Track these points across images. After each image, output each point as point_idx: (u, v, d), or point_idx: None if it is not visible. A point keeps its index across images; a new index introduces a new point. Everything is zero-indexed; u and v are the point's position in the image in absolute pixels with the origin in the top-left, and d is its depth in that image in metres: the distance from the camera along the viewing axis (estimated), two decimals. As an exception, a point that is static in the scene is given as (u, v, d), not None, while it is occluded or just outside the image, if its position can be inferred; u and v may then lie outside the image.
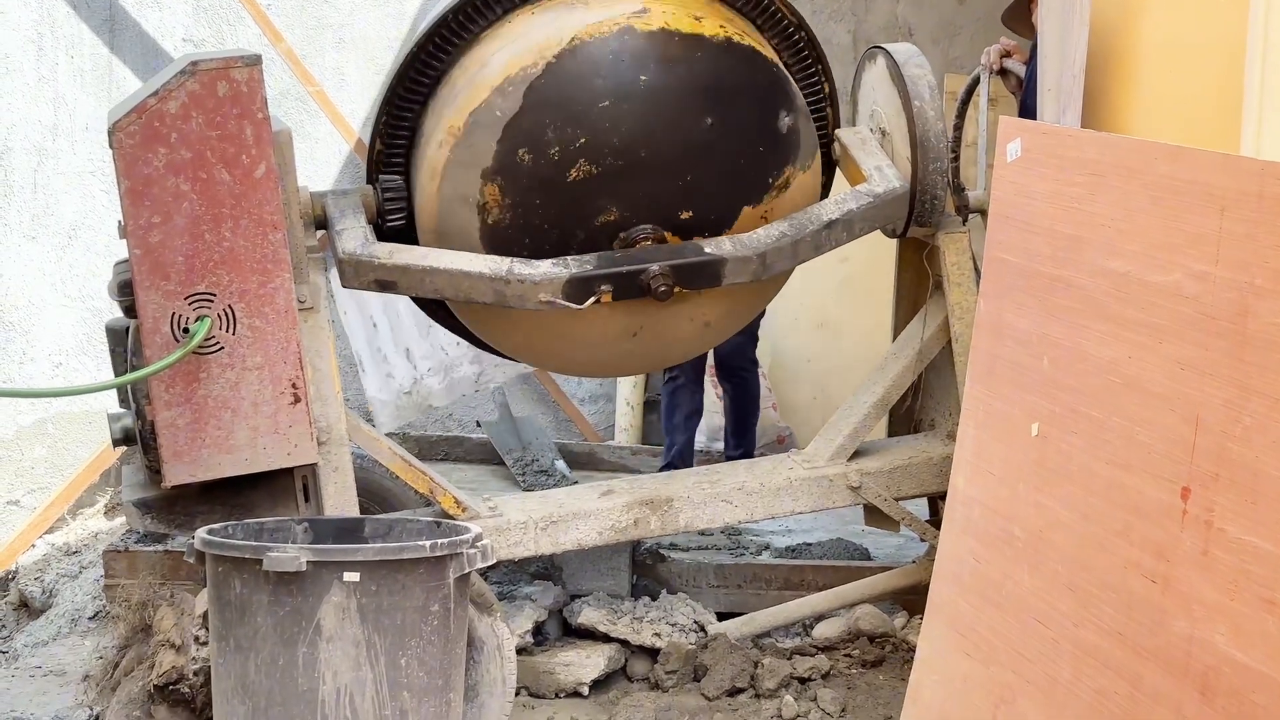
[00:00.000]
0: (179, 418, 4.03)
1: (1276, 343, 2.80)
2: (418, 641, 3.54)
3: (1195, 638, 2.97)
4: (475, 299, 4.28)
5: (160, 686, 4.03)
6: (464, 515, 4.44)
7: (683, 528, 4.63)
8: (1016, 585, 3.54)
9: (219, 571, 3.56)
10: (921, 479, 4.76)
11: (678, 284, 4.31)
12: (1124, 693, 3.15)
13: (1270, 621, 2.78)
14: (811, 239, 4.43)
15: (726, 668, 4.52)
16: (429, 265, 4.25)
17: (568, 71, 4.27)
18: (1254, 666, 2.81)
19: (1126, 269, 3.24)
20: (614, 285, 4.28)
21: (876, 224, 4.59)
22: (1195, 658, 2.97)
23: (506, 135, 4.26)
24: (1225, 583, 2.90)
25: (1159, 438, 3.10)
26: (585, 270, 4.26)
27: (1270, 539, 2.79)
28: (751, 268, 4.35)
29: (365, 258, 4.23)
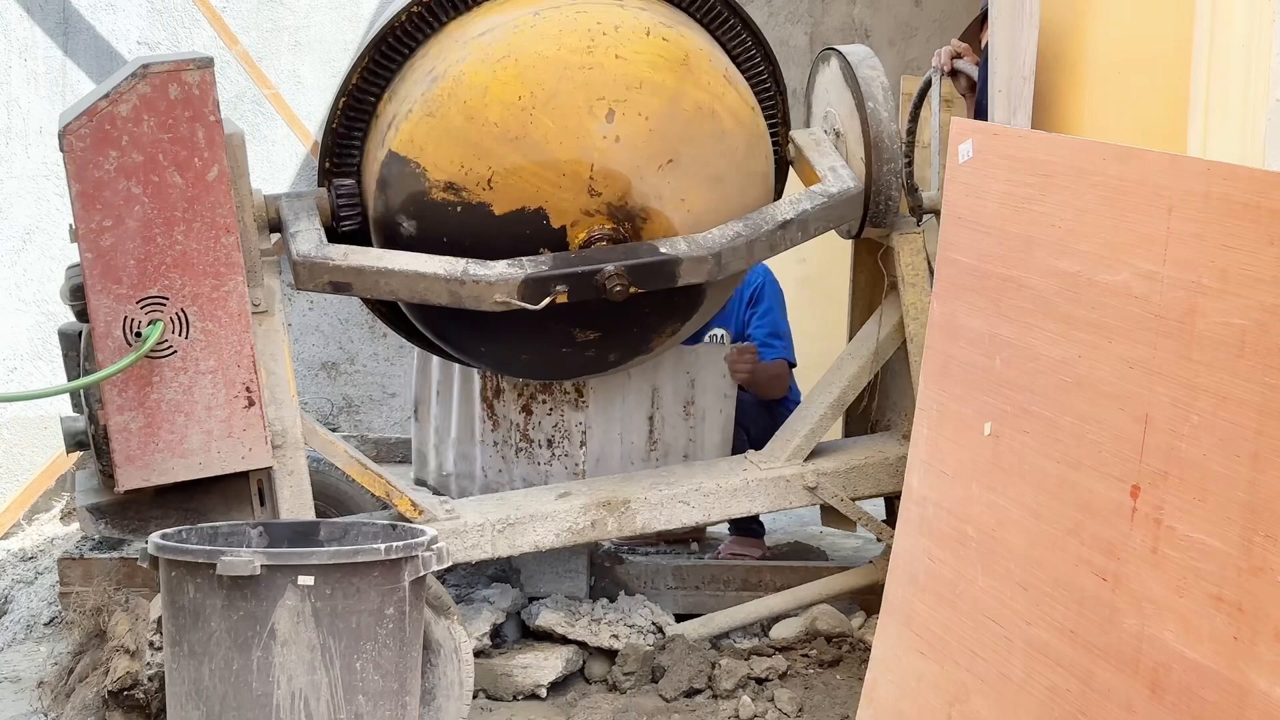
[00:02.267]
0: (132, 422, 4.01)
1: (1223, 342, 2.82)
2: (373, 645, 3.53)
3: (1145, 635, 2.99)
4: (430, 300, 4.28)
5: (115, 692, 4.02)
6: (421, 518, 4.43)
7: (640, 529, 4.64)
8: (970, 584, 3.55)
9: (172, 576, 3.55)
10: (878, 479, 4.77)
11: (633, 284, 4.31)
12: (1075, 690, 3.17)
13: (1218, 618, 2.80)
14: (766, 239, 4.44)
15: (684, 669, 4.53)
16: (383, 267, 4.24)
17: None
18: (1203, 663, 2.83)
19: (1076, 269, 3.26)
20: (569, 285, 4.27)
21: (831, 224, 4.61)
22: (1145, 655, 2.99)
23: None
24: (1174, 580, 2.92)
25: (1109, 436, 3.13)
26: (541, 271, 4.26)
27: (1218, 536, 2.81)
28: (707, 267, 4.36)
29: (319, 260, 4.22)
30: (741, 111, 4.43)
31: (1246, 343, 2.76)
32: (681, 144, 4.32)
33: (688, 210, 4.38)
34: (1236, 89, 3.30)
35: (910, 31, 7.60)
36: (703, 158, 4.36)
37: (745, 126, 4.45)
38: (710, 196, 4.40)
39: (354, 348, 7.22)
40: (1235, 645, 2.77)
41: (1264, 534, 2.70)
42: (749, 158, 4.48)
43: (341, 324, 7.18)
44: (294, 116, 7.01)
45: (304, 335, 7.11)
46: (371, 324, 7.07)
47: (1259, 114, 3.19)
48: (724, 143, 4.39)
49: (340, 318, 7.16)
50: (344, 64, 7.00)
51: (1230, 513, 2.79)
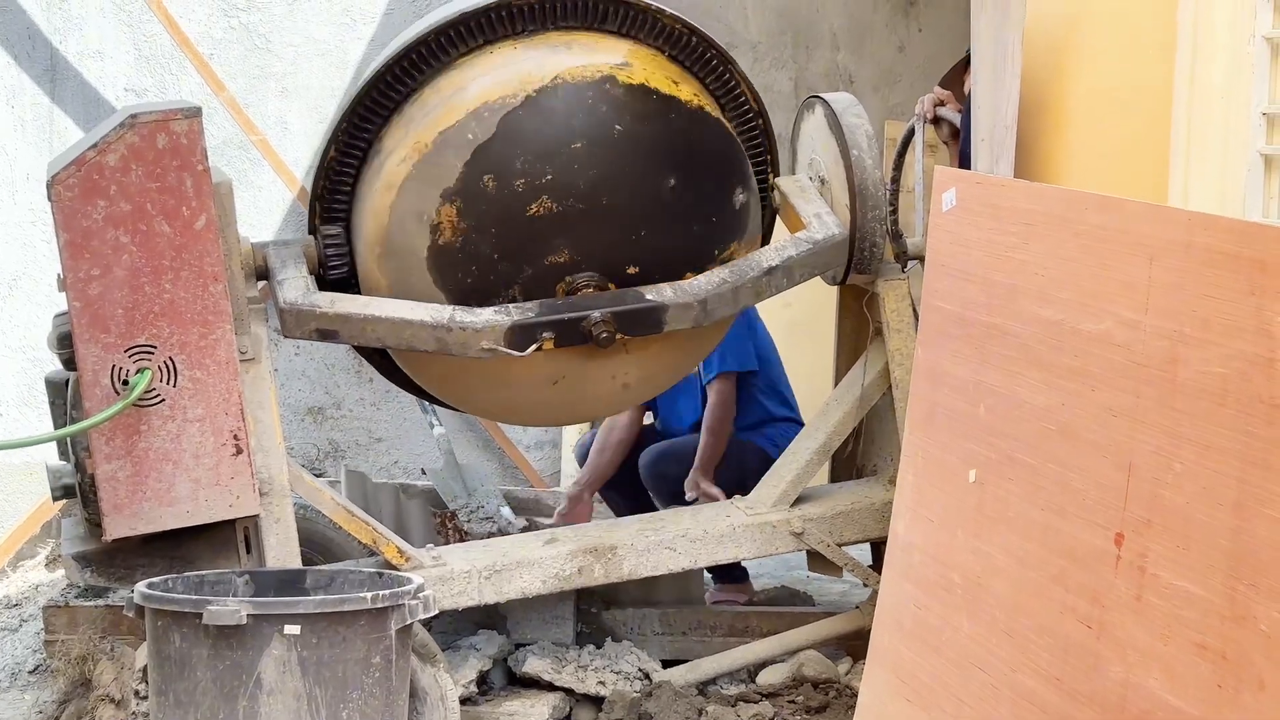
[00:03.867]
0: (119, 471, 4.01)
1: (1205, 390, 2.84)
2: (359, 694, 3.53)
3: (1130, 682, 3.00)
4: (417, 347, 4.29)
5: (100, 742, 4.02)
6: (407, 565, 4.43)
7: (626, 575, 4.64)
8: (955, 631, 3.56)
9: (158, 625, 3.55)
10: (863, 524, 4.78)
11: (620, 330, 4.32)
12: (1061, 738, 3.18)
13: (1203, 666, 2.82)
14: (752, 285, 4.47)
15: (671, 715, 4.52)
16: (370, 314, 4.26)
17: (546, 108, 4.32)
18: (1187, 710, 2.85)
19: (1059, 317, 3.28)
20: (556, 332, 4.29)
21: (817, 270, 4.63)
22: (1130, 702, 3.00)
23: (475, 159, 4.28)
24: (1159, 627, 2.93)
25: (1092, 484, 3.14)
26: (527, 318, 4.27)
27: (1202, 584, 2.83)
28: (693, 314, 4.38)
29: (306, 307, 4.23)
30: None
31: (1229, 391, 2.78)
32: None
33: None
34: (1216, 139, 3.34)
35: (894, 78, 7.64)
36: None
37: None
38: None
39: (340, 393, 7.23)
40: (1219, 693, 2.78)
41: (1247, 582, 2.72)
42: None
43: (328, 369, 7.19)
44: (281, 163, 7.03)
45: (290, 380, 7.11)
46: (358, 369, 7.07)
47: (1239, 164, 3.23)
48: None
49: (326, 363, 7.16)
50: (331, 110, 7.03)
51: (1214, 561, 2.81)
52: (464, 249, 4.33)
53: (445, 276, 4.33)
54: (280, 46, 7.11)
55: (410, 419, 7.15)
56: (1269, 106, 3.44)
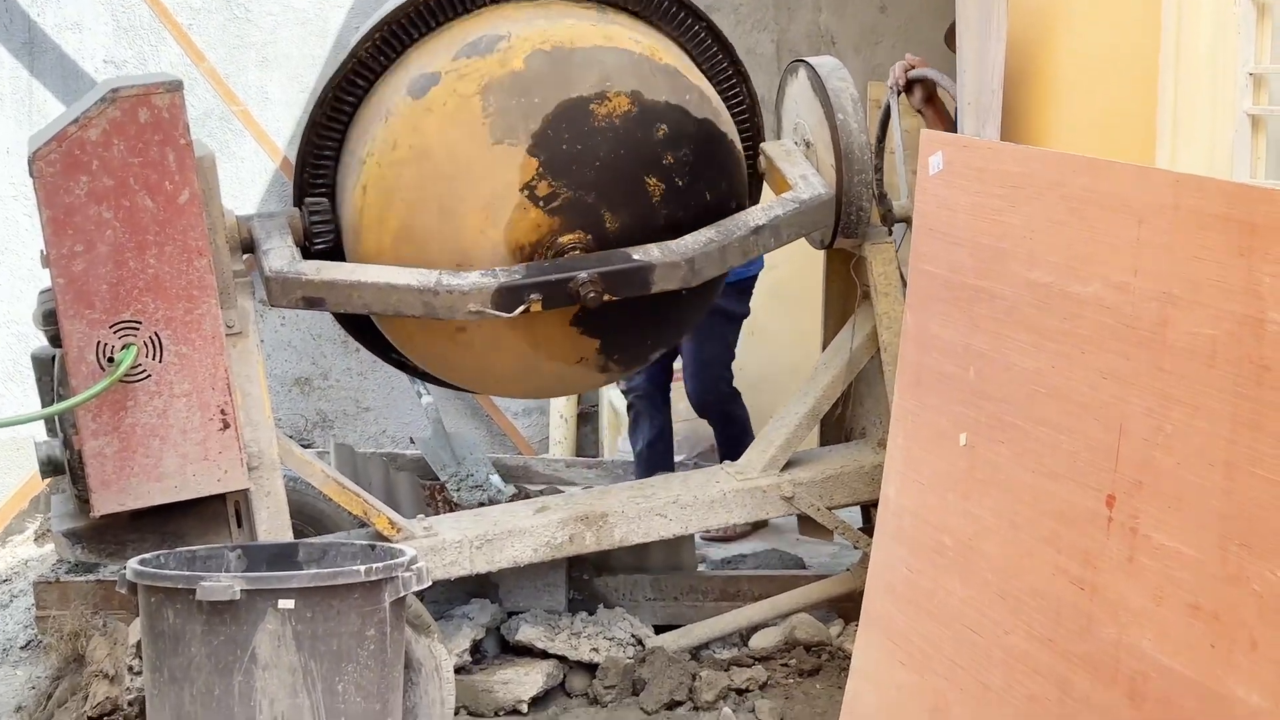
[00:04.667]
0: (106, 447, 4.00)
1: (1195, 352, 2.84)
2: (354, 666, 3.53)
3: (1123, 643, 3.01)
4: (404, 312, 4.27)
5: (95, 718, 4.01)
6: (399, 536, 4.43)
7: (618, 542, 4.64)
8: (948, 594, 3.57)
9: (152, 602, 3.54)
10: (854, 488, 4.79)
11: (607, 291, 4.31)
12: (1054, 698, 3.19)
13: (1196, 626, 2.82)
14: (739, 244, 4.45)
15: (664, 681, 4.54)
16: (356, 280, 4.24)
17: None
18: (1181, 671, 2.85)
19: (1048, 280, 3.28)
20: (543, 294, 4.28)
21: (803, 230, 4.62)
22: (1123, 663, 3.01)
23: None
24: (1151, 589, 2.94)
25: (1083, 446, 3.14)
26: (514, 280, 4.26)
27: (1194, 545, 2.83)
28: (680, 273, 4.36)
29: (292, 275, 4.21)
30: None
31: (1218, 353, 2.78)
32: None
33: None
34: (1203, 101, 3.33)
35: (876, 38, 7.61)
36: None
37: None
38: None
39: (327, 363, 7.21)
40: (1212, 653, 2.79)
41: (1239, 542, 2.72)
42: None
43: (314, 339, 7.17)
44: (262, 133, 6.98)
45: (276, 351, 7.08)
46: (344, 339, 7.04)
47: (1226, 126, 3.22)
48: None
49: (313, 333, 7.14)
50: (311, 80, 6.99)
51: (1205, 521, 2.81)
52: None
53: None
54: (259, 15, 7.06)
55: (398, 388, 7.14)
56: (1255, 66, 3.43)
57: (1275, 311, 2.66)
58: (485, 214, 4.32)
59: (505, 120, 4.31)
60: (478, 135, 4.31)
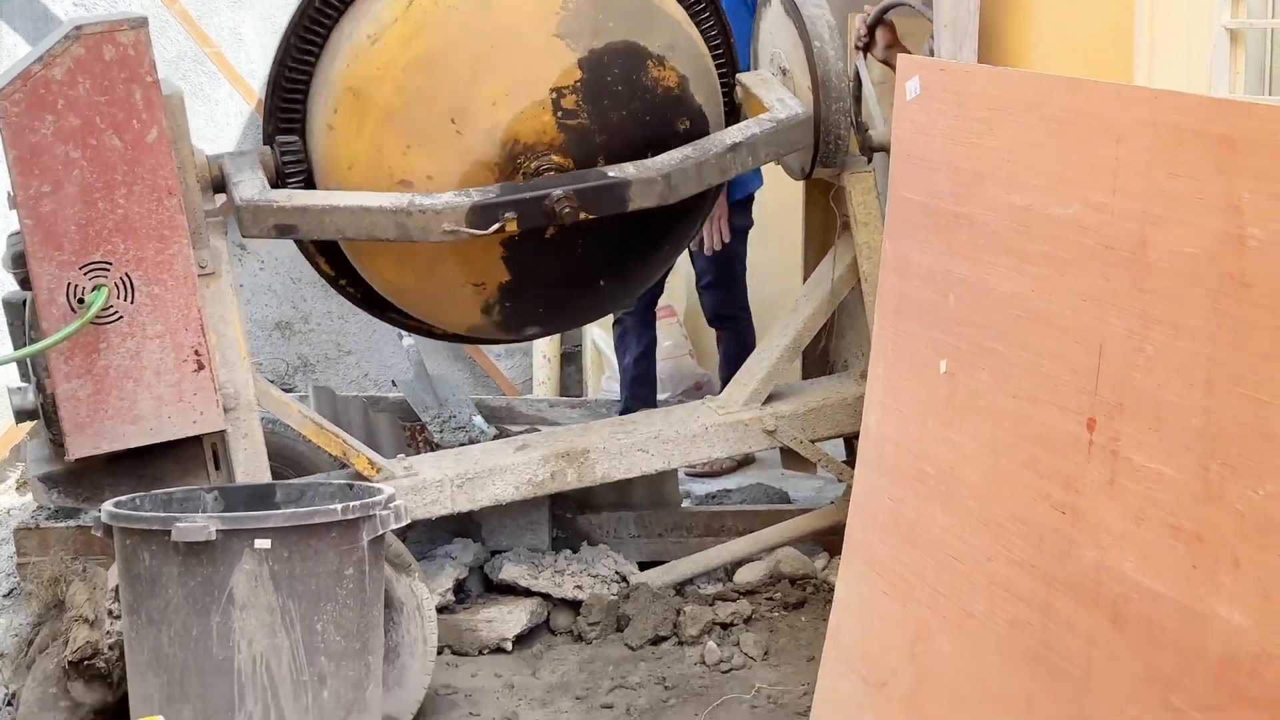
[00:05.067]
0: (80, 390, 3.96)
1: (1175, 271, 2.81)
2: (333, 606, 3.51)
3: (1105, 566, 2.99)
4: (377, 235, 4.21)
5: (75, 662, 3.98)
6: (378, 476, 4.40)
7: (600, 479, 4.61)
8: (930, 522, 3.55)
9: (127, 544, 3.51)
10: (836, 420, 4.76)
11: (583, 209, 4.25)
12: (1036, 623, 3.17)
13: (1177, 548, 2.80)
14: (716, 162, 4.38)
15: (649, 617, 4.52)
16: (329, 204, 4.18)
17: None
18: (1163, 592, 2.83)
19: (1027, 203, 3.24)
20: (518, 212, 4.22)
21: (781, 149, 4.55)
22: (1105, 586, 2.99)
23: None
24: (1132, 511, 2.92)
25: (1064, 370, 3.11)
26: (489, 198, 4.21)
27: (1175, 466, 2.81)
28: (657, 189, 4.30)
29: (264, 203, 4.14)
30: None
31: (1198, 271, 2.75)
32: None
33: None
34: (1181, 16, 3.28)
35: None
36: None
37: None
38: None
39: (307, 306, 7.16)
40: (1195, 574, 2.77)
41: (1220, 462, 2.70)
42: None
43: (294, 283, 7.11)
44: (236, 75, 6.90)
45: (256, 295, 7.03)
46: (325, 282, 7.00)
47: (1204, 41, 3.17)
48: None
49: (293, 277, 7.08)
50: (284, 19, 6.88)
51: (1186, 442, 2.79)
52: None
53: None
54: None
55: (380, 331, 7.09)
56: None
57: (1255, 227, 2.62)
58: (507, 90, 4.27)
59: (578, 22, 4.31)
60: (546, 19, 4.30)
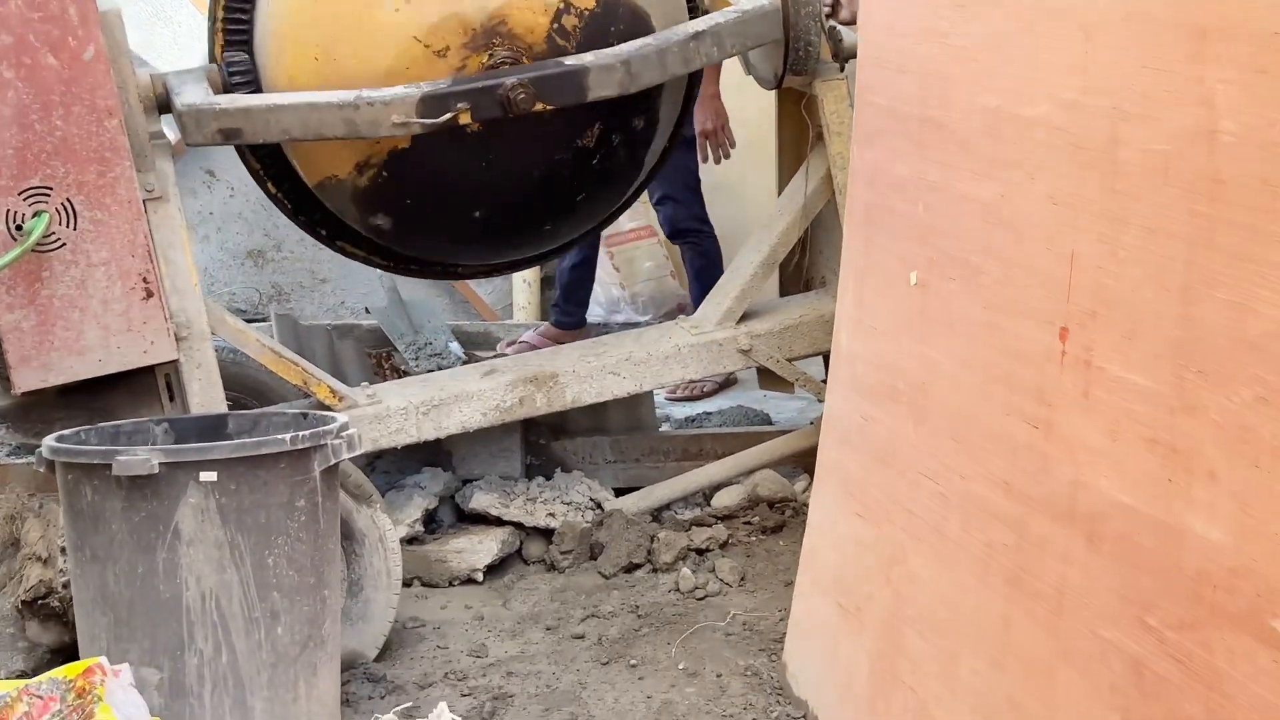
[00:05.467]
0: (23, 320, 3.83)
1: (1148, 170, 2.65)
2: (285, 539, 3.38)
3: (1080, 482, 2.86)
4: (325, 134, 4.06)
5: (28, 602, 3.87)
6: (341, 405, 4.28)
7: (570, 403, 4.49)
8: (903, 441, 3.41)
9: (69, 479, 3.38)
10: (813, 338, 4.62)
11: (540, 98, 4.10)
12: (1011, 543, 3.05)
13: (1152, 461, 2.67)
14: (679, 50, 4.22)
15: (622, 544, 4.41)
16: (273, 104, 4.03)
17: None
18: (1139, 508, 2.70)
19: (996, 104, 3.08)
20: (471, 102, 4.06)
21: (748, 42, 4.37)
22: (1081, 503, 2.86)
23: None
24: (1107, 424, 2.78)
25: (1035, 279, 2.97)
26: (439, 88, 4.05)
27: (1149, 375, 2.67)
28: (616, 76, 4.14)
29: (206, 107, 3.99)
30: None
31: (1170, 169, 2.60)
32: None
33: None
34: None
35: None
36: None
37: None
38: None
39: (280, 234, 7.00)
40: (1170, 488, 2.63)
41: (1196, 370, 2.56)
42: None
43: (265, 210, 6.95)
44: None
45: (227, 223, 6.89)
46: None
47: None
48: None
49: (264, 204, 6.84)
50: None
51: (1161, 350, 2.64)
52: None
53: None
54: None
55: (354, 258, 6.94)
56: None
57: (1229, 121, 2.47)
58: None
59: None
60: None
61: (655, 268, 6.95)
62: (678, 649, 3.90)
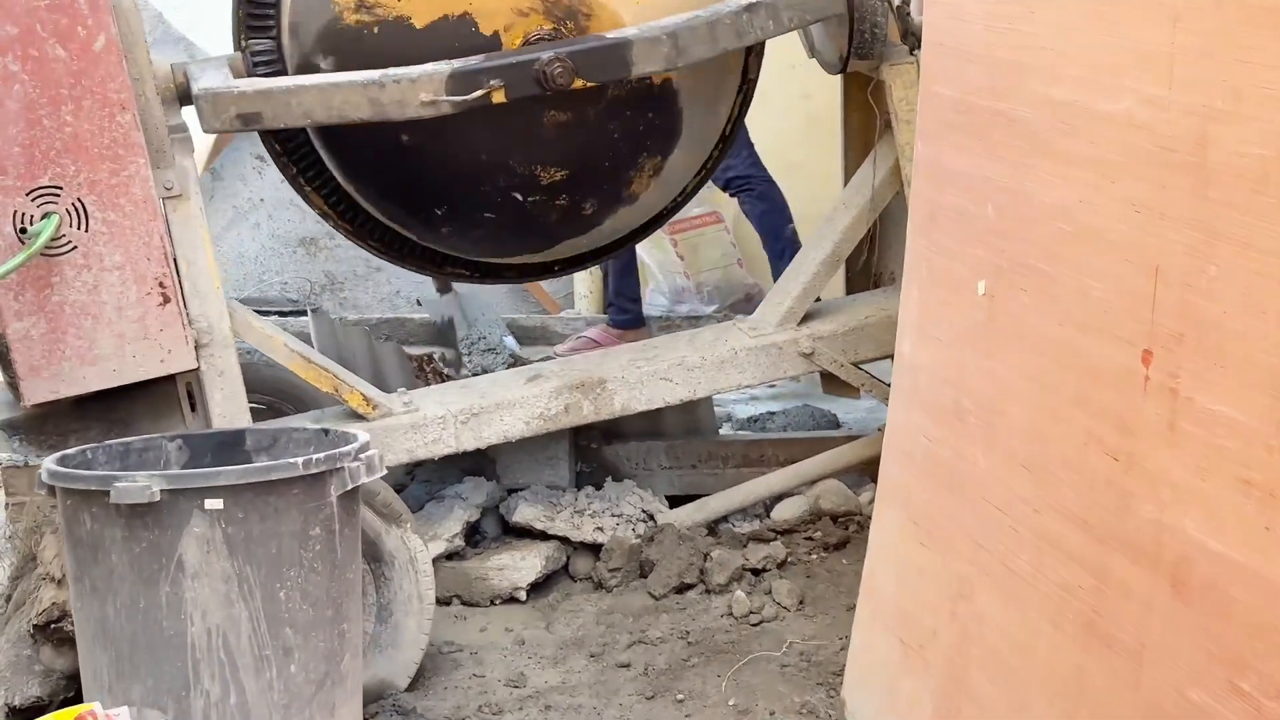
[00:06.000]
0: (33, 329, 3.61)
1: (1242, 176, 2.34)
2: (298, 571, 3.13)
3: (1165, 524, 2.55)
4: (349, 116, 3.80)
5: (41, 626, 3.66)
6: (375, 413, 4.03)
7: (619, 411, 4.22)
8: (971, 466, 3.12)
9: (68, 505, 3.16)
10: (881, 340, 4.32)
11: (580, 74, 3.83)
12: (1089, 587, 2.75)
13: (1247, 505, 2.36)
14: (731, 23, 3.93)
15: (673, 562, 4.13)
16: (294, 85, 3.79)
17: None
18: (1231, 556, 2.40)
19: (1071, 97, 2.77)
20: (505, 79, 3.80)
21: (806, 16, 4.08)
22: (1166, 547, 2.55)
23: None
24: (1195, 460, 2.47)
25: (1115, 293, 2.66)
26: (470, 65, 3.79)
27: (1243, 408, 2.36)
28: (663, 50, 3.86)
29: (224, 90, 3.75)
30: None
31: (1270, 176, 2.28)
32: None
33: (638, 3, 3.92)
34: None
35: None
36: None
37: None
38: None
39: (333, 221, 6.77)
40: (1268, 537, 2.33)
41: (1297, 407, 2.25)
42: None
43: (318, 197, 6.71)
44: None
45: (279, 211, 6.67)
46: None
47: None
48: None
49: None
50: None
51: (1256, 380, 2.33)
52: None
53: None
54: None
55: (412, 245, 6.69)
56: None
57: (1337, 122, 2.15)
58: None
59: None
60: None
61: (721, 255, 6.67)
62: (729, 683, 3.62)
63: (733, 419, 5.28)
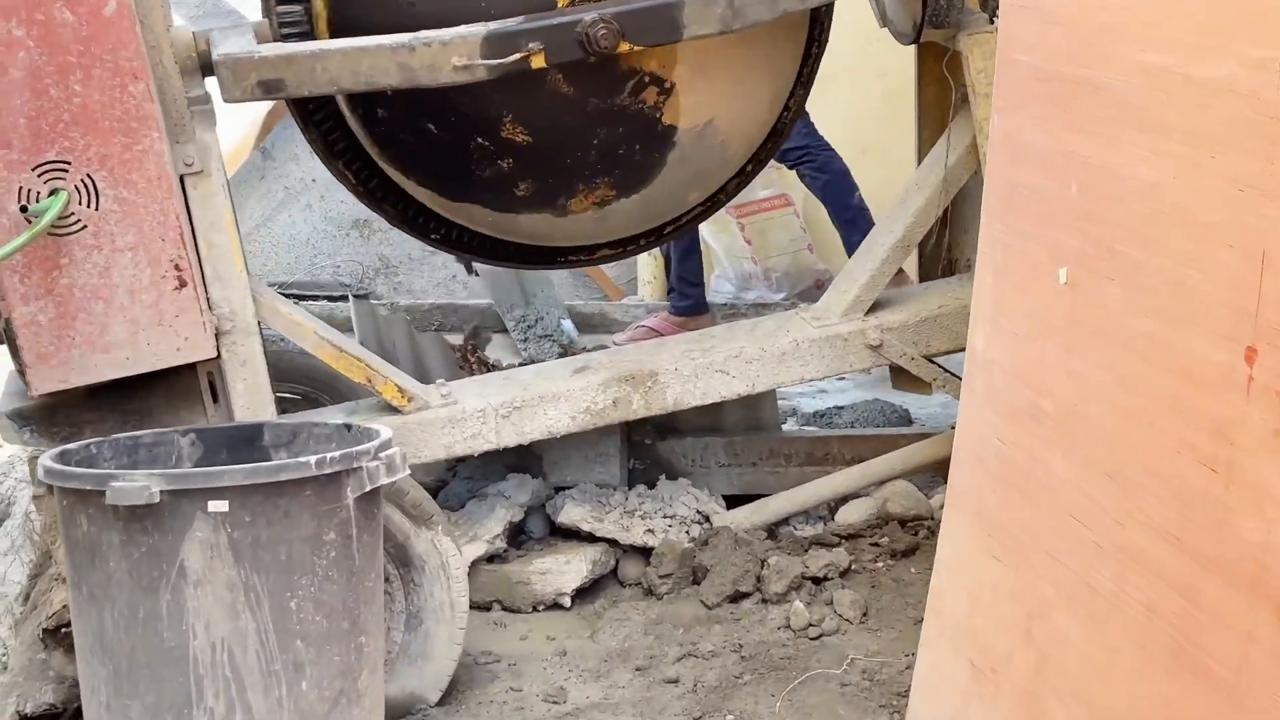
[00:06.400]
0: (40, 313, 3.38)
1: (1366, 148, 2.04)
2: (311, 579, 2.88)
3: (1270, 545, 2.26)
4: (378, 82, 3.55)
5: (51, 629, 3.44)
6: (410, 406, 3.78)
7: (671, 406, 3.95)
8: (1048, 472, 2.82)
9: (65, 506, 2.93)
10: (955, 331, 4.01)
11: (626, 37, 3.57)
12: (1179, 610, 2.45)
13: (1367, 528, 2.06)
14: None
15: (728, 569, 3.85)
16: (318, 50, 3.54)
17: None
18: (1348, 587, 2.10)
19: (1166, 62, 2.47)
20: (544, 41, 3.54)
21: None
22: (1270, 571, 2.26)
23: None
24: (1306, 475, 2.17)
25: (1214, 282, 2.36)
26: (507, 26, 3.53)
27: (1365, 417, 2.06)
28: (717, 11, 3.59)
29: (244, 56, 3.49)
30: None
31: (1398, 149, 1.98)
32: None
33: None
34: None
35: None
36: None
37: None
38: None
39: (389, 201, 6.54)
40: (1391, 565, 2.03)
41: None
42: None
43: (372, 177, 6.48)
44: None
45: (331, 191, 6.42)
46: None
47: None
48: None
49: (371, 170, 6.45)
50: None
51: (1380, 385, 2.03)
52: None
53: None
54: None
55: (469, 228, 6.45)
56: None
57: None
58: None
59: None
60: None
61: (791, 241, 6.37)
62: (783, 703, 3.33)
63: (798, 413, 5.00)
